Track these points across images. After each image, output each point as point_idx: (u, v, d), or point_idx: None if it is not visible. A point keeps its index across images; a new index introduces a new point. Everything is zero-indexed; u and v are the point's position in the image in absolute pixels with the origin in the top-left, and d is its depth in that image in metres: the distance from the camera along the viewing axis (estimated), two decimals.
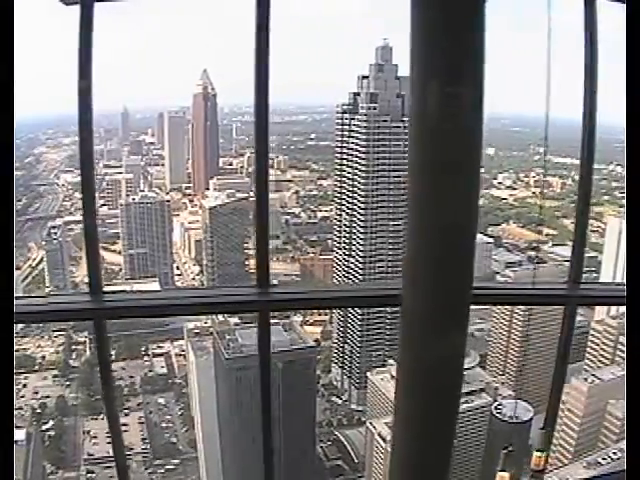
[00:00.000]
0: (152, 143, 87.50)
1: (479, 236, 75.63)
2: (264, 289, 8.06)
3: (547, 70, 5.67)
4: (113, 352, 60.30)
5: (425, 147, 3.65)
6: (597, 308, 58.97)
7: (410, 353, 4.24)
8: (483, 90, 3.58)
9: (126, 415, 58.24)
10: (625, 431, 3.69)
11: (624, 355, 57.36)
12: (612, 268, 66.68)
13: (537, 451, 5.46)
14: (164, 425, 60.92)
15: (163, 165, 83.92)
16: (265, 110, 7.34)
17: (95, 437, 56.26)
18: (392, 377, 58.09)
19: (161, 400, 62.53)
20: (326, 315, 66.06)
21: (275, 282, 52.64)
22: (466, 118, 3.50)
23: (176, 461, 58.25)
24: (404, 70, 64.63)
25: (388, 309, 59.04)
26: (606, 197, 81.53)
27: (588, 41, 8.11)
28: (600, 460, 51.57)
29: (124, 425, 56.30)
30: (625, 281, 4.79)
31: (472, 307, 4.06)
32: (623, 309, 47.23)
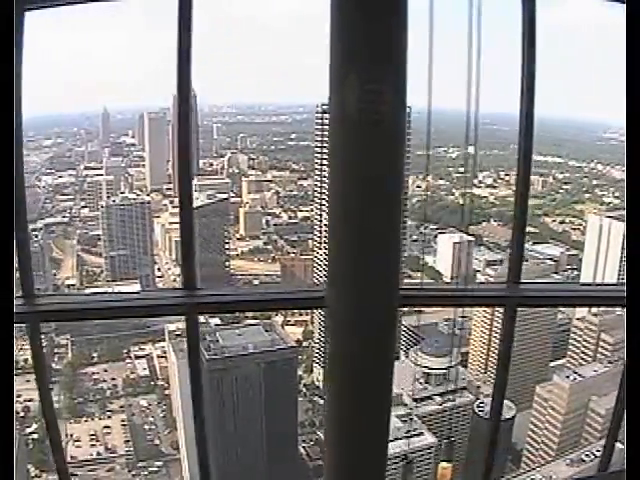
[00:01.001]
0: (133, 144, 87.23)
1: (459, 235, 75.97)
2: (191, 292, 8.06)
3: (471, 66, 5.66)
4: (95, 354, 60.34)
5: (345, 146, 3.65)
6: None
7: (336, 355, 4.25)
8: (405, 89, 3.58)
9: (109, 417, 58.19)
10: (625, 431, 3.70)
11: (606, 352, 57.72)
12: (593, 266, 67.06)
13: (443, 462, 5.36)
14: (147, 427, 60.83)
15: (144, 166, 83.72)
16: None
17: (78, 440, 56.19)
18: None
19: (143, 402, 62.42)
20: (307, 315, 66.03)
21: (256, 283, 52.83)
22: (387, 116, 3.49)
23: (159, 463, 58.21)
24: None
25: None
26: (587, 195, 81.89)
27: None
28: (583, 457, 51.83)
29: (107, 428, 56.35)
30: (625, 280, 4.79)
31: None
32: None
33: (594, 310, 59.50)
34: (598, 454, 51.77)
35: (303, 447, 59.15)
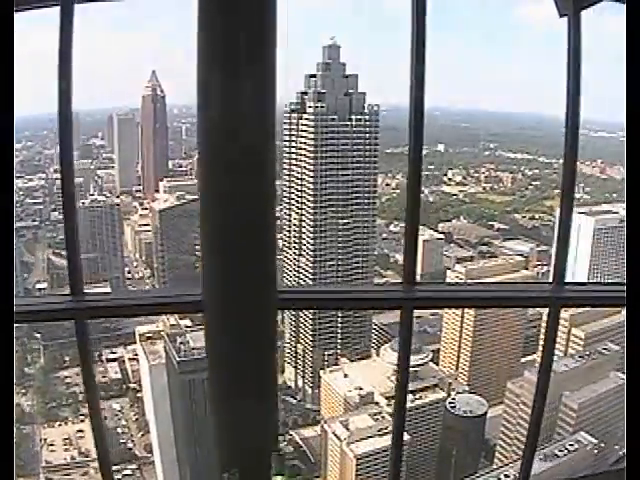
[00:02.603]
0: (102, 146, 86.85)
1: (429, 232, 76.25)
2: (80, 297, 7.90)
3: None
4: (67, 358, 59.93)
5: (212, 144, 3.59)
6: None
7: (214, 359, 4.19)
8: (273, 88, 3.53)
9: (82, 421, 57.82)
10: (625, 431, 3.64)
11: (577, 347, 57.98)
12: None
13: (276, 475, 5.12)
14: (120, 431, 60.56)
15: (113, 168, 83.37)
16: None
17: (52, 444, 55.89)
18: (345, 376, 58.35)
19: (116, 405, 62.16)
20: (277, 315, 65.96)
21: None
22: (252, 116, 3.44)
23: (133, 466, 58.03)
24: (352, 68, 64.98)
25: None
26: (557, 191, 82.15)
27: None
28: (557, 452, 52.02)
29: (80, 432, 56.00)
30: (625, 280, 4.70)
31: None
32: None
33: None
34: (571, 448, 52.20)
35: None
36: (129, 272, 75.09)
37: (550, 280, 8.21)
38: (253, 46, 3.48)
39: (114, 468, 54.95)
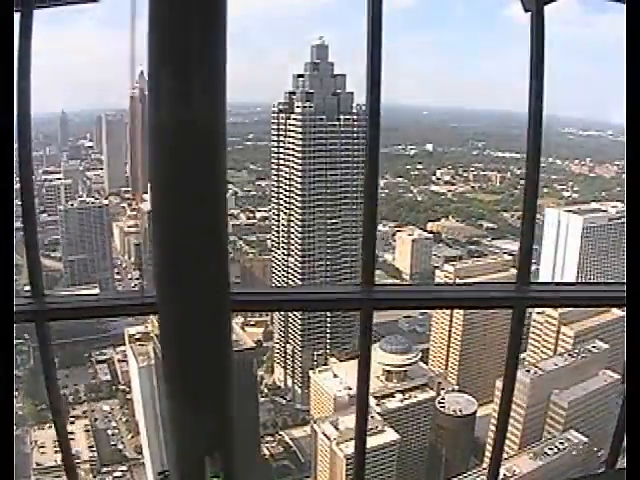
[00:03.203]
0: (91, 147, 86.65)
1: (418, 232, 76.38)
2: (40, 299, 7.88)
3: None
4: (56, 360, 59.64)
5: (162, 143, 3.58)
6: None
7: (168, 359, 4.17)
8: (223, 89, 3.52)
9: (72, 423, 57.72)
10: (625, 431, 3.64)
11: (567, 346, 58.11)
12: (552, 259, 67.50)
13: (212, 477, 5.00)
14: (110, 432, 60.45)
15: (102, 169, 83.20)
16: None
17: (43, 447, 55.72)
18: (334, 376, 58.34)
19: (106, 407, 62.04)
20: (267, 316, 65.89)
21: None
22: (201, 117, 3.43)
23: (124, 467, 57.95)
24: (340, 68, 64.98)
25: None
26: (546, 190, 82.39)
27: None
28: (547, 450, 52.10)
29: (70, 433, 55.83)
30: (626, 279, 4.67)
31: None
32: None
33: None
34: (561, 447, 52.29)
35: (266, 448, 59.04)
36: (118, 273, 74.94)
37: (534, 280, 8.16)
38: (203, 46, 3.48)
39: (104, 470, 55.03)
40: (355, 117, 63.03)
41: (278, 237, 66.47)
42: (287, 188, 64.15)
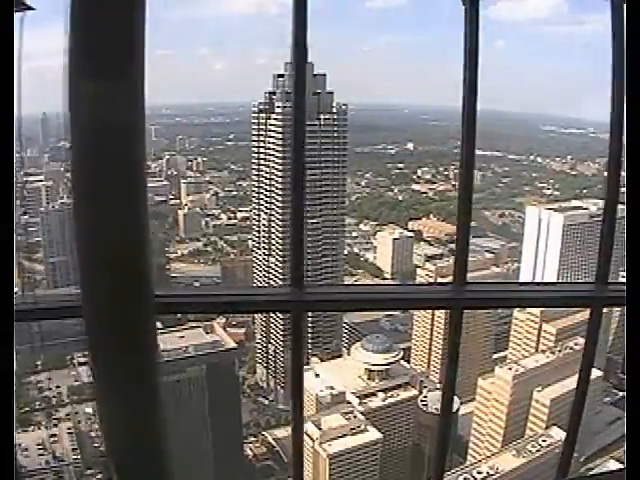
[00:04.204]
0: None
1: (399, 230, 76.49)
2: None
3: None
4: (39, 362, 59.57)
5: (82, 148, 3.54)
6: None
7: (96, 360, 4.14)
8: (142, 90, 3.48)
9: (55, 426, 57.48)
10: (625, 431, 3.61)
11: (549, 343, 58.25)
12: (533, 257, 67.68)
13: None
14: (93, 434, 60.17)
15: None
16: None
17: (26, 450, 55.47)
18: (316, 375, 58.33)
19: (89, 409, 61.74)
20: (248, 316, 65.81)
21: (197, 284, 52.54)
22: (120, 118, 3.40)
23: None
24: (320, 68, 64.97)
25: None
26: (527, 188, 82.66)
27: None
28: (530, 448, 52.19)
29: (54, 436, 55.68)
30: (627, 280, 4.65)
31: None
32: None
33: None
34: (544, 444, 52.40)
35: (250, 448, 58.97)
36: None
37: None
38: (121, 49, 3.44)
39: (88, 472, 54.82)
40: (335, 117, 63.10)
41: (259, 237, 66.46)
42: (267, 188, 64.13)
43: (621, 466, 51.10)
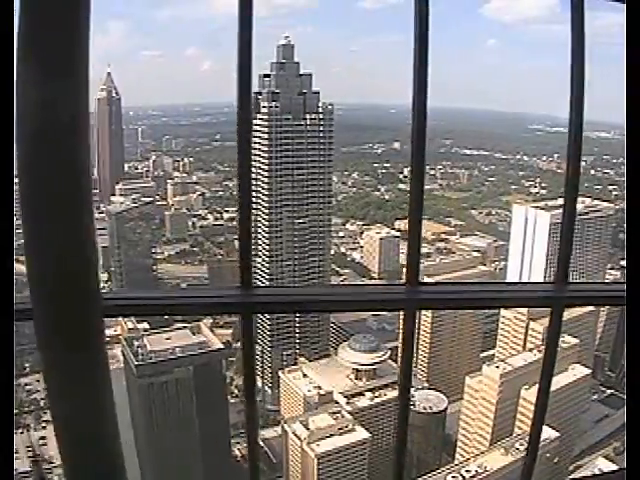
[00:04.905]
0: None
1: (386, 230, 76.59)
2: None
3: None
4: (27, 365, 59.39)
5: (27, 148, 3.51)
6: None
7: (47, 361, 4.10)
8: (87, 90, 3.44)
9: (44, 428, 57.32)
10: (625, 431, 3.58)
11: (536, 341, 58.24)
12: (519, 256, 67.82)
13: None
14: None
15: None
16: None
17: (16, 452, 55.32)
18: (304, 375, 58.28)
19: None
20: (236, 316, 65.60)
21: (184, 285, 52.46)
22: (65, 119, 3.36)
23: None
24: (306, 68, 65.03)
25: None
26: (514, 186, 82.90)
27: None
28: (518, 446, 52.09)
29: (42, 439, 55.52)
30: (626, 279, 4.60)
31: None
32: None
33: None
34: None
35: (238, 449, 58.81)
36: None
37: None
38: (64, 48, 3.40)
39: None
40: (321, 116, 63.08)
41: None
42: (253, 188, 63.85)
43: (610, 464, 51.37)
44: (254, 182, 64.29)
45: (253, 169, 63.92)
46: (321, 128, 63.02)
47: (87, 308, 3.74)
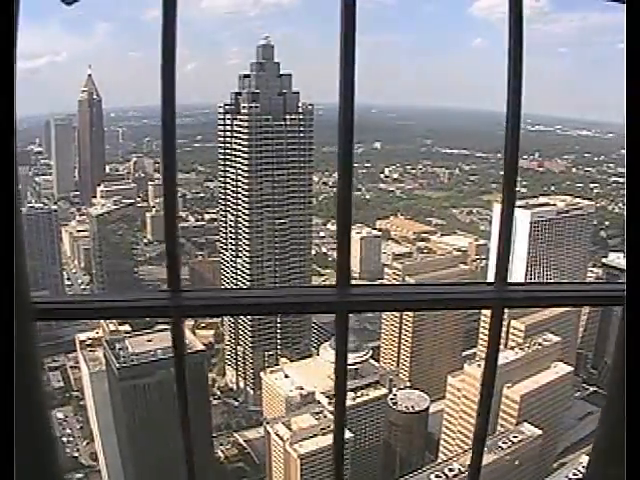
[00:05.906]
0: (40, 152, 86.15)
1: (366, 229, 76.68)
2: None
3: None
4: None
5: None
6: None
7: None
8: (12, 88, 3.46)
9: None
10: (625, 431, 3.60)
11: (518, 340, 58.38)
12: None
13: None
14: (65, 440, 59.81)
15: (51, 174, 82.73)
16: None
17: None
18: (286, 376, 58.18)
19: (60, 414, 61.40)
20: (218, 318, 65.48)
21: (165, 288, 52.47)
22: None
23: (80, 475, 57.28)
24: (285, 68, 65.02)
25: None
26: (495, 185, 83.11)
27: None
28: (501, 444, 52.13)
29: None
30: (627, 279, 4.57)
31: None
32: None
33: None
34: (515, 440, 52.47)
35: (221, 450, 58.72)
36: (68, 279, 74.43)
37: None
38: None
39: None
40: (301, 117, 63.02)
41: (226, 238, 66.15)
42: (234, 189, 63.85)
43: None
44: (234, 183, 64.24)
45: (233, 170, 63.90)
46: (301, 128, 63.01)
47: (16, 312, 3.76)
